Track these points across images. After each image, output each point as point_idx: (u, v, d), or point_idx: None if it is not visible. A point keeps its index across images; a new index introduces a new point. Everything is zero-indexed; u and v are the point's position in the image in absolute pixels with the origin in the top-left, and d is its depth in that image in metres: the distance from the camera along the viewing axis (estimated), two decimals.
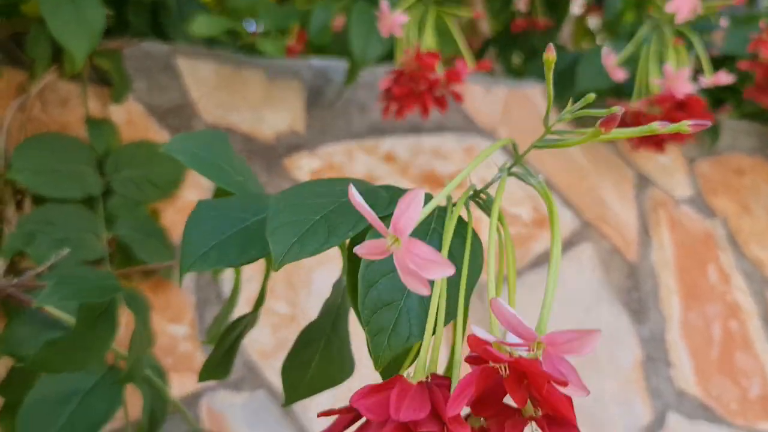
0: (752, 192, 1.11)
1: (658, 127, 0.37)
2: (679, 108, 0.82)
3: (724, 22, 1.06)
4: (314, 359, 0.44)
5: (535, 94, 1.01)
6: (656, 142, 0.90)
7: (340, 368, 0.45)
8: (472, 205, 0.38)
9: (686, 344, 0.99)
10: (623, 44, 0.90)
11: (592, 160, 1.01)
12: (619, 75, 0.87)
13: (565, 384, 0.27)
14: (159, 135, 0.80)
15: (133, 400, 0.65)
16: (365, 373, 0.46)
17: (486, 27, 1.51)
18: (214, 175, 0.43)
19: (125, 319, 0.66)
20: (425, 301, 0.31)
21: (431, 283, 0.30)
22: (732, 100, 1.17)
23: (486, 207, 0.38)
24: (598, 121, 0.33)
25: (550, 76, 0.34)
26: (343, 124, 0.89)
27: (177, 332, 0.75)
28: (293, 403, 0.45)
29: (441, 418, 0.27)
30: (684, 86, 0.82)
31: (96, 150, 0.73)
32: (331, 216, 0.34)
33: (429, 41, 0.73)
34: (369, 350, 0.33)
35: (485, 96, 0.96)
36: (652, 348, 0.97)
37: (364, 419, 0.30)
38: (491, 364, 0.27)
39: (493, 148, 0.36)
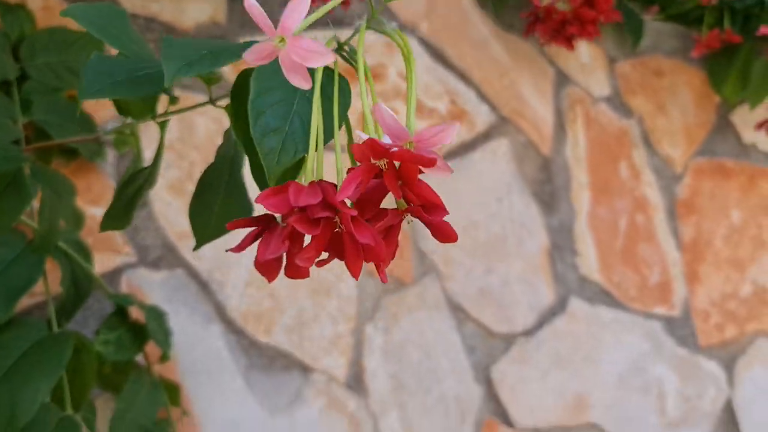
0: (669, 93, 1.15)
1: None
2: (587, 5, 0.86)
3: None
4: (216, 202, 0.49)
5: None
6: (566, 38, 0.93)
7: (241, 210, 0.50)
8: None
9: (593, 235, 1.05)
10: None
11: (514, 57, 1.04)
12: None
13: (433, 162, 0.31)
14: (76, 23, 0.82)
15: (57, 277, 0.69)
16: None
17: None
18: (111, 40, 0.46)
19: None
20: (306, 126, 0.36)
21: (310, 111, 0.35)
22: (660, 1, 1.20)
23: (351, 59, 0.43)
24: None
25: None
26: None
27: (97, 213, 0.79)
28: (203, 244, 0.49)
29: (332, 206, 0.32)
30: None
31: (9, 36, 0.75)
32: (216, 50, 0.38)
33: None
34: (254, 173, 0.38)
35: None
36: (559, 237, 1.03)
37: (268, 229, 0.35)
38: (372, 161, 0.31)
39: None
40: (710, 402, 1.08)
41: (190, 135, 0.85)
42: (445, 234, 0.33)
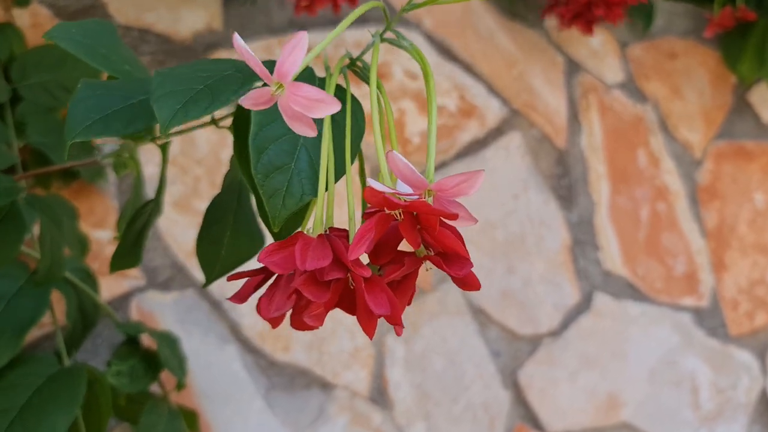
0: (684, 75, 1.11)
1: None
2: None
3: None
4: (225, 235, 0.45)
5: None
6: (587, 21, 0.89)
7: (251, 242, 0.46)
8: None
9: (614, 227, 1.02)
10: None
11: (521, 48, 1.01)
12: None
13: (455, 217, 0.28)
14: None
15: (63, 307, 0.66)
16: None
17: None
18: (100, 62, 0.42)
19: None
20: (314, 163, 0.33)
21: (317, 144, 0.31)
22: None
23: (364, 75, 0.39)
24: None
25: None
26: (263, 20, 0.87)
27: (102, 237, 0.76)
28: (212, 282, 0.46)
29: (344, 264, 0.29)
30: None
31: None
32: (214, 85, 0.34)
33: None
34: (260, 213, 0.35)
35: None
36: (580, 232, 1.00)
37: (273, 277, 0.32)
38: (387, 211, 0.28)
39: (366, 8, 0.37)
40: (745, 392, 1.05)
41: (192, 149, 0.82)
42: (468, 284, 0.30)
